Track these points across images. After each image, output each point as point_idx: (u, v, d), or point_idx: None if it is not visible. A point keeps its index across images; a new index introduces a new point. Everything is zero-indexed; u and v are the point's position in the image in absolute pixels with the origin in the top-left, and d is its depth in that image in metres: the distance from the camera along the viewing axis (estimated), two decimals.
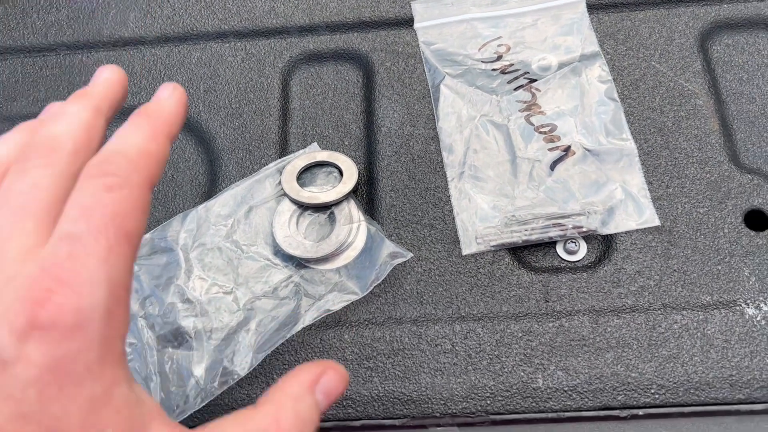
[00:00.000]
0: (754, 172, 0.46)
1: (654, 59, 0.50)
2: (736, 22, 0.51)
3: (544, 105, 0.49)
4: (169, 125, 0.28)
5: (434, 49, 0.52)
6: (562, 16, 0.52)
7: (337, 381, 0.28)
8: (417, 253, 0.45)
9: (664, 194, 0.46)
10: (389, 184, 0.48)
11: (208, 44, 0.54)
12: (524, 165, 0.47)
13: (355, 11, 0.54)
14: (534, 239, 0.45)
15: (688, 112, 0.48)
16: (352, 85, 0.52)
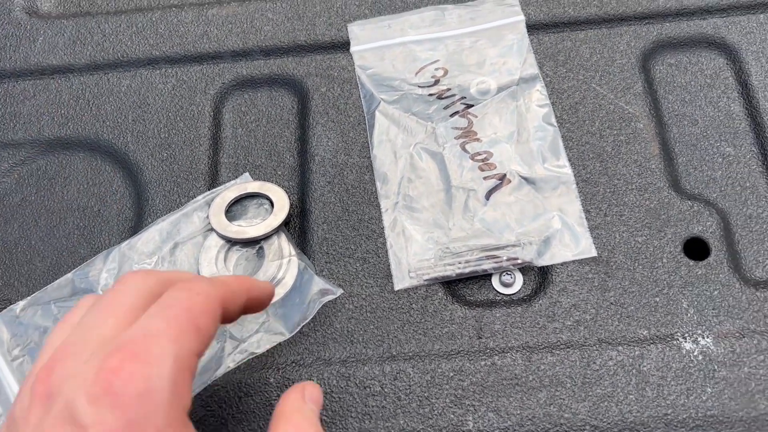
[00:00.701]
0: (695, 198, 0.45)
1: (594, 81, 0.49)
2: (678, 41, 0.50)
3: (480, 132, 0.47)
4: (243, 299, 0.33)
5: (370, 73, 0.50)
6: (502, 37, 0.51)
7: (317, 390, 0.34)
8: (348, 289, 0.43)
9: (602, 223, 0.44)
10: (322, 215, 0.46)
11: (139, 71, 0.52)
12: (459, 195, 0.45)
13: (291, 34, 0.52)
14: (468, 272, 0.43)
15: (628, 136, 0.47)
16: (287, 112, 0.50)
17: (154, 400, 0.25)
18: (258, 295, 0.34)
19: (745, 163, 0.46)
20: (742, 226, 0.44)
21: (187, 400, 0.27)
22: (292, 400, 0.32)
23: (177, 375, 0.26)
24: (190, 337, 0.28)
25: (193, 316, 0.28)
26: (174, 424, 0.26)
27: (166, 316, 0.28)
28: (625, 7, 0.51)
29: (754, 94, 0.48)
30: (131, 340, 0.26)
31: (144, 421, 0.25)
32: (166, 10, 0.54)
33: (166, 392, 0.26)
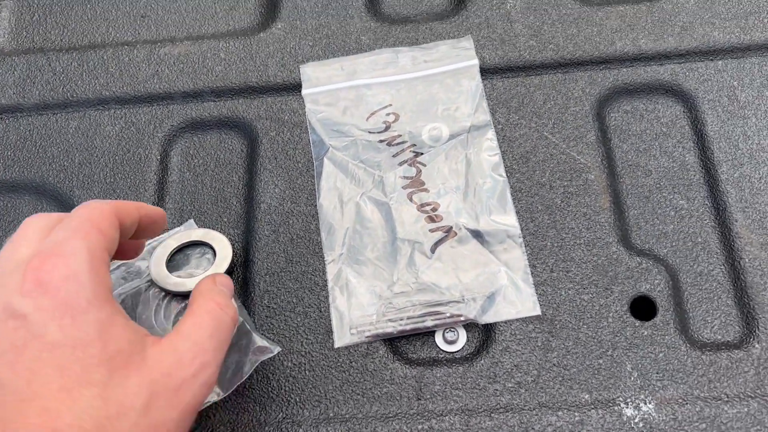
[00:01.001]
0: (644, 255, 0.44)
1: (547, 129, 0.48)
2: (635, 87, 0.49)
3: (428, 182, 0.46)
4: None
5: (321, 117, 0.49)
6: (455, 82, 0.50)
7: (228, 278, 0.39)
8: (288, 345, 0.43)
9: (548, 279, 0.43)
10: (265, 266, 0.45)
11: (87, 112, 0.51)
12: (404, 247, 0.44)
13: (242, 75, 0.52)
14: (410, 330, 0.42)
15: (579, 187, 0.46)
16: (236, 156, 0.49)
17: (79, 280, 0.30)
18: (149, 212, 0.37)
19: (698, 217, 0.45)
20: (692, 284, 0.43)
21: (107, 282, 0.31)
22: (205, 283, 0.37)
23: (93, 261, 0.31)
24: (95, 236, 0.32)
25: (94, 222, 0.32)
26: (100, 297, 0.30)
27: (70, 227, 0.32)
28: (582, 51, 0.50)
29: (709, 144, 0.47)
30: (46, 247, 0.31)
31: (74, 297, 0.29)
32: (118, 47, 0.53)
33: (87, 273, 0.30)
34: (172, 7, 0.56)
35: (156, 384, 0.30)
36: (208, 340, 0.33)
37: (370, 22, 0.53)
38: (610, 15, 0.51)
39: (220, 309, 0.35)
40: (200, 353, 0.33)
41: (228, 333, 0.35)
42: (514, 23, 0.51)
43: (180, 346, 0.32)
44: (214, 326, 0.34)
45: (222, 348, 0.34)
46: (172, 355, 0.32)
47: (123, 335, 0.30)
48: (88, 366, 0.29)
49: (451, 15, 0.53)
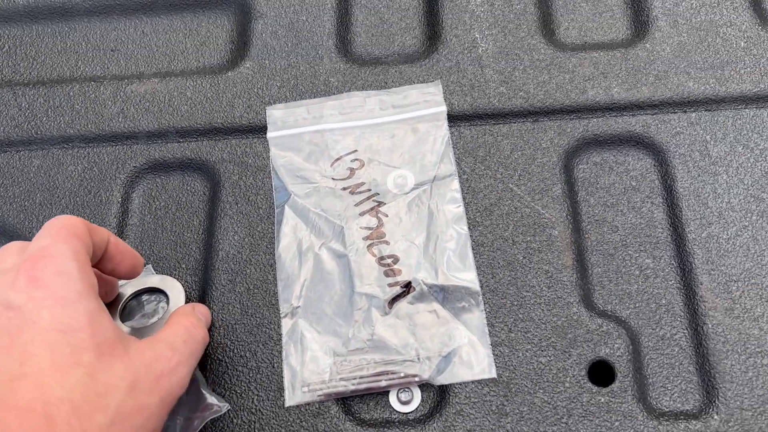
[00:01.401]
0: (606, 316, 0.43)
1: (513, 181, 0.47)
2: (605, 138, 0.48)
3: (389, 233, 0.45)
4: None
5: (284, 162, 0.48)
6: (422, 129, 0.49)
7: (206, 309, 0.43)
8: (238, 402, 0.42)
9: (506, 339, 0.42)
10: (220, 317, 0.44)
11: (51, 150, 0.51)
12: (361, 302, 0.43)
13: (208, 115, 0.51)
14: (363, 389, 0.41)
15: (542, 243, 0.45)
16: (198, 199, 0.49)
17: (69, 276, 0.32)
18: (119, 243, 0.39)
19: (663, 277, 0.44)
20: (653, 349, 0.42)
21: (93, 280, 0.34)
22: (183, 307, 0.41)
23: (78, 260, 0.33)
24: (75, 240, 0.34)
25: (71, 229, 0.34)
26: (88, 290, 0.33)
27: (50, 234, 0.34)
28: (553, 100, 0.49)
29: (678, 201, 0.45)
30: (33, 251, 0.33)
31: (65, 290, 0.32)
32: (85, 83, 0.53)
33: (75, 271, 0.33)
34: (143, 41, 0.55)
35: (138, 372, 0.33)
36: (182, 344, 0.37)
37: (339, 63, 0.52)
38: (583, 61, 0.50)
39: (193, 327, 0.39)
40: (176, 353, 0.36)
41: (198, 349, 0.38)
42: (485, 68, 0.50)
43: (158, 346, 0.36)
44: (189, 337, 0.38)
45: (194, 356, 0.38)
46: (152, 351, 0.35)
47: (109, 326, 0.33)
48: (78, 349, 0.31)
49: (422, 57, 0.52)
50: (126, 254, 0.40)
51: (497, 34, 0.52)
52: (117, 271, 0.40)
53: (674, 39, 0.50)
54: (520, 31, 0.52)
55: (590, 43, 0.52)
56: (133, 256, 0.40)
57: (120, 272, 0.40)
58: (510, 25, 0.52)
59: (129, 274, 0.40)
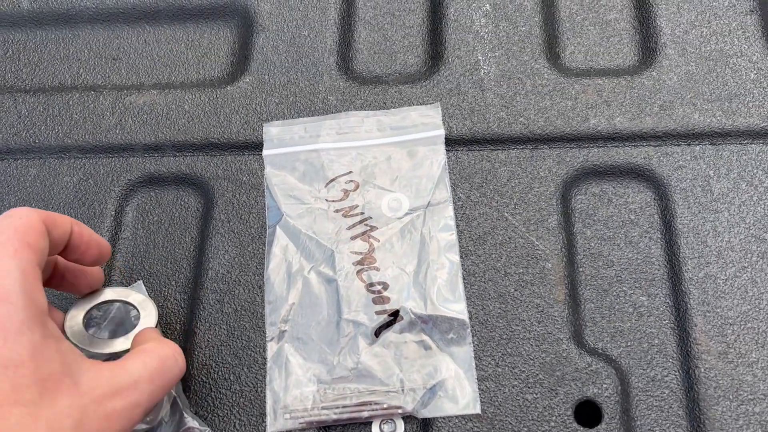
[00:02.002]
0: (596, 354, 0.42)
1: (508, 210, 0.46)
2: (605, 169, 0.47)
3: (380, 259, 0.45)
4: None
5: (279, 181, 0.48)
6: (420, 153, 0.48)
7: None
8: (220, 426, 0.42)
9: (492, 374, 0.42)
10: (206, 338, 0.44)
11: (48, 160, 0.51)
12: (348, 328, 0.43)
13: (205, 130, 0.50)
14: (345, 418, 0.41)
15: (535, 276, 0.44)
16: (191, 215, 0.48)
17: (11, 302, 0.30)
18: (84, 232, 0.37)
19: (657, 316, 0.43)
20: (643, 390, 0.41)
21: (42, 302, 0.31)
22: (153, 329, 0.40)
23: (25, 282, 0.30)
24: (25, 252, 0.31)
25: (22, 235, 0.32)
26: (34, 319, 0.30)
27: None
28: (553, 127, 0.48)
29: (677, 238, 0.44)
30: None
31: (7, 320, 0.29)
32: (84, 92, 0.53)
33: (20, 296, 0.30)
34: (145, 50, 0.55)
35: (87, 408, 0.31)
36: (147, 383, 0.34)
37: (339, 81, 0.51)
38: (587, 88, 0.49)
39: (173, 357, 0.36)
40: (136, 393, 0.33)
41: (170, 384, 0.36)
42: (486, 92, 0.50)
43: (118, 379, 0.33)
44: (160, 372, 0.35)
45: (158, 395, 0.35)
46: (107, 385, 0.32)
47: (55, 358, 0.31)
48: (18, 386, 0.29)
49: (423, 78, 0.51)
50: (90, 244, 0.38)
51: (500, 57, 0.51)
52: (82, 261, 0.38)
53: (682, 68, 0.49)
54: (524, 54, 0.51)
55: (596, 68, 0.50)
56: (98, 245, 0.38)
57: (85, 262, 0.38)
58: (514, 47, 0.51)
59: (95, 263, 0.39)
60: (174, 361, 0.36)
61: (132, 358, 0.35)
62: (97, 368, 0.33)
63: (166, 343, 0.37)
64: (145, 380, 0.34)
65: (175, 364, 0.36)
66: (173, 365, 0.36)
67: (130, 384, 0.33)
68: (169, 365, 0.36)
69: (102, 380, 0.32)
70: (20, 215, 0.33)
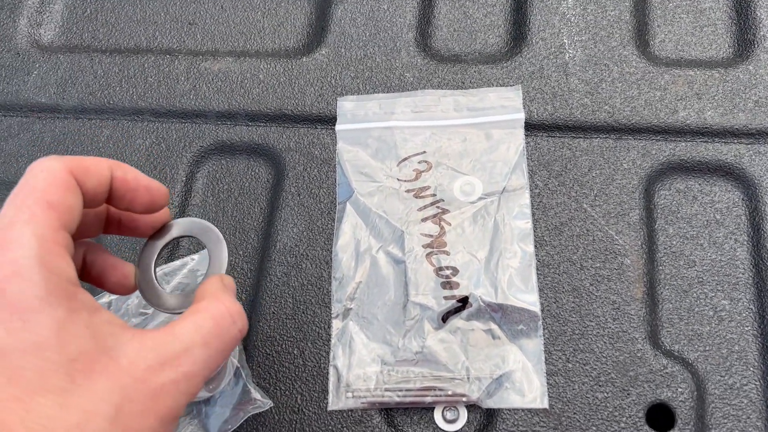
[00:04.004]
0: (672, 357, 0.40)
1: (587, 201, 0.44)
2: (692, 165, 0.45)
3: (450, 243, 0.44)
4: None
5: (351, 157, 0.47)
6: (496, 135, 0.47)
7: (232, 280, 0.35)
8: (281, 399, 0.41)
9: (563, 369, 0.40)
10: (271, 310, 0.44)
11: (121, 121, 0.51)
12: (414, 311, 0.42)
13: (279, 101, 0.50)
14: (408, 402, 0.40)
15: (612, 271, 0.42)
16: (261, 186, 0.48)
17: (26, 276, 0.26)
18: (129, 175, 0.32)
19: (740, 321, 0.41)
20: (719, 397, 0.39)
21: (67, 272, 0.27)
22: (213, 281, 0.34)
23: (43, 251, 0.26)
24: (44, 215, 0.27)
25: (41, 194, 0.28)
26: (56, 293, 0.26)
27: (14, 204, 0.28)
28: (640, 117, 0.46)
29: (764, 241, 0.42)
30: None
31: (23, 297, 0.26)
32: (160, 55, 0.53)
33: (36, 269, 0.26)
34: (221, 17, 0.54)
35: (129, 388, 0.26)
36: (202, 347, 0.29)
37: (417, 57, 0.50)
38: (677, 79, 0.47)
39: (230, 316, 0.31)
40: (188, 361, 0.28)
41: (230, 346, 0.31)
42: (570, 76, 0.48)
43: (166, 348, 0.28)
44: (215, 334, 0.30)
45: (215, 361, 0.30)
46: (153, 356, 0.28)
47: (85, 334, 0.27)
48: (43, 371, 0.25)
49: (504, 59, 0.49)
50: (139, 189, 0.32)
51: (587, 41, 0.49)
52: (133, 209, 0.33)
53: None
54: (611, 40, 0.49)
55: (686, 59, 0.48)
56: (148, 189, 0.33)
57: (136, 209, 0.33)
58: (602, 32, 0.49)
59: (148, 210, 0.33)
60: (231, 322, 0.31)
61: (182, 320, 0.30)
62: (139, 338, 0.28)
63: (223, 300, 0.32)
64: (198, 345, 0.29)
65: (233, 324, 0.31)
66: (230, 326, 0.31)
67: (180, 352, 0.28)
68: (225, 326, 0.31)
69: (146, 352, 0.28)
70: (41, 168, 0.29)
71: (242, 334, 0.32)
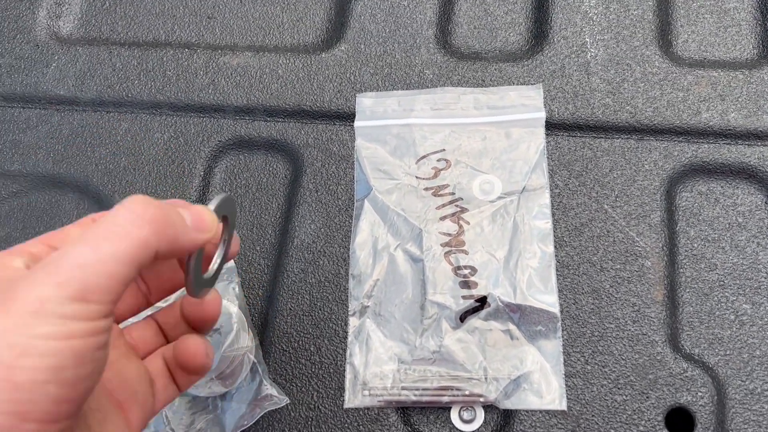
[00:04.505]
0: (692, 360, 0.40)
1: (608, 202, 0.44)
2: (715, 167, 0.44)
3: (469, 243, 0.43)
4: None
5: (369, 154, 0.47)
6: (516, 134, 0.46)
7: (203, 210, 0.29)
8: (297, 396, 0.41)
9: (581, 371, 0.40)
10: (288, 306, 0.44)
11: (140, 115, 0.51)
12: (432, 310, 0.42)
13: (297, 97, 0.50)
14: (425, 401, 0.40)
15: (632, 273, 0.42)
16: (279, 182, 0.48)
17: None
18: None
19: (761, 326, 0.40)
20: (740, 402, 0.39)
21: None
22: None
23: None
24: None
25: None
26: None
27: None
28: (662, 118, 0.46)
29: None
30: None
31: None
32: (179, 49, 0.52)
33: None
34: (240, 11, 0.54)
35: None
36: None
37: (437, 54, 0.50)
38: (700, 80, 0.46)
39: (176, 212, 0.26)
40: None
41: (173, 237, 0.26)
42: (592, 76, 0.47)
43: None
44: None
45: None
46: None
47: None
48: None
49: (525, 57, 0.49)
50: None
51: (609, 40, 0.48)
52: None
53: None
54: (634, 39, 0.48)
55: (710, 59, 0.48)
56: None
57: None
58: (624, 31, 0.48)
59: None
60: (177, 215, 0.26)
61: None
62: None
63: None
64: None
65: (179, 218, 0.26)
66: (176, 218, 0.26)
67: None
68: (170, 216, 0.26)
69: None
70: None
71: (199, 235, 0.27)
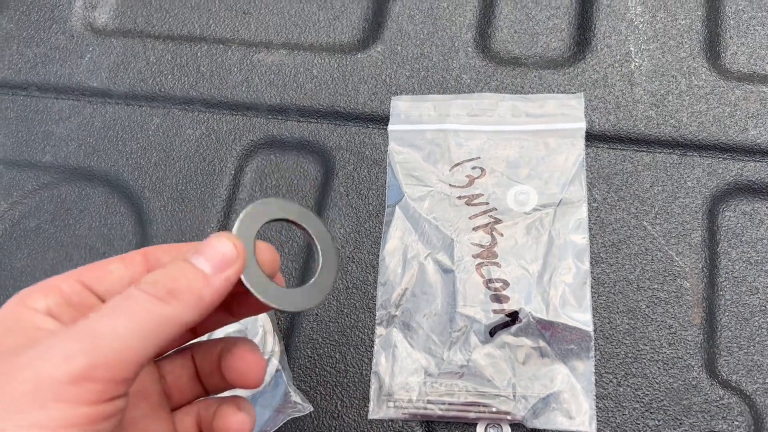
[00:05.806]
0: (729, 388, 0.38)
1: (648, 218, 0.43)
2: (760, 186, 0.43)
3: (502, 255, 0.42)
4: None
5: (402, 159, 0.46)
6: (554, 144, 0.45)
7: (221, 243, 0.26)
8: (320, 404, 0.41)
9: (613, 393, 0.39)
10: (314, 312, 0.43)
11: (172, 110, 0.50)
12: (461, 323, 0.41)
13: (331, 98, 0.49)
14: (450, 416, 0.39)
15: (670, 294, 0.41)
16: (309, 183, 0.47)
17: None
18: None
19: None
20: None
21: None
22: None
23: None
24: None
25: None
26: None
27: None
28: (707, 134, 0.44)
29: None
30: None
31: None
32: (213, 45, 0.52)
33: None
34: (276, 7, 0.53)
35: None
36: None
37: (475, 59, 0.48)
38: (749, 95, 0.45)
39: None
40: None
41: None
42: (635, 87, 0.46)
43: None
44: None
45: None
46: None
47: None
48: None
49: (566, 65, 0.47)
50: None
51: (654, 50, 0.47)
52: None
53: None
54: (680, 50, 0.47)
55: (760, 74, 0.46)
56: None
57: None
58: (671, 41, 0.47)
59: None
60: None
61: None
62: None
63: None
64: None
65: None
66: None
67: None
68: None
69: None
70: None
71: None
